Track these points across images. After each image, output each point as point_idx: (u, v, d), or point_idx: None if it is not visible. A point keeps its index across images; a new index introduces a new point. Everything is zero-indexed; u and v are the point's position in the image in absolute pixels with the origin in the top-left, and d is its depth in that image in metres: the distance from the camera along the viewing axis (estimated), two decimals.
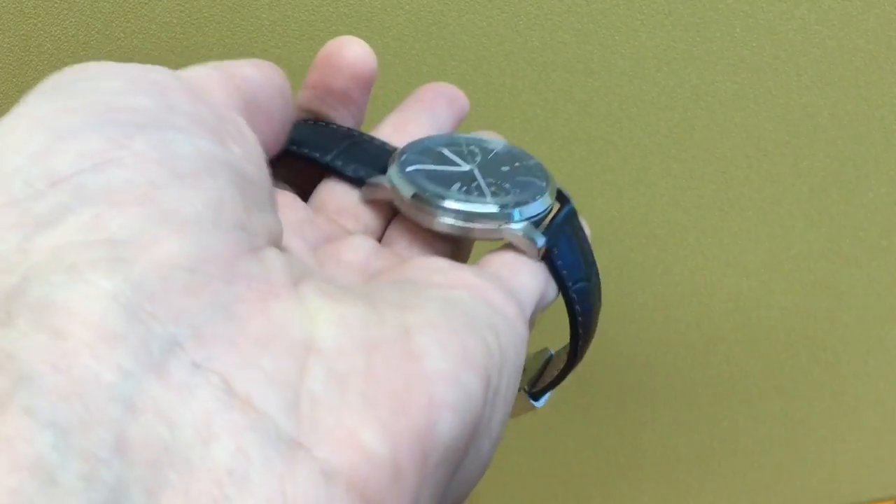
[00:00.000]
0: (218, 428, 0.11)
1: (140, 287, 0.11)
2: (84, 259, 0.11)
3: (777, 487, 0.52)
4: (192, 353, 0.11)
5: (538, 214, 0.19)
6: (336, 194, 0.20)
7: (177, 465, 0.10)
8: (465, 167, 0.20)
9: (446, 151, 0.20)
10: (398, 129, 0.22)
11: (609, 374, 0.45)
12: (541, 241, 0.19)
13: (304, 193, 0.21)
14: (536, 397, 0.23)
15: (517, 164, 0.21)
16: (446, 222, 0.19)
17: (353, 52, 0.20)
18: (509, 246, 0.19)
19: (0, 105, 0.32)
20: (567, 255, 0.19)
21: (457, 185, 0.19)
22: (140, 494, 0.10)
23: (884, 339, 0.48)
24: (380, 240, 0.20)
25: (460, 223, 0.19)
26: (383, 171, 0.20)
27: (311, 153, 0.20)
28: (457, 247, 0.20)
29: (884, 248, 0.44)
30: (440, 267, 0.17)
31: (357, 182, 0.20)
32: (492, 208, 0.19)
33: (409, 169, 0.19)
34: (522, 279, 0.18)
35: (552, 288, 0.19)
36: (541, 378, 0.23)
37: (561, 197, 0.21)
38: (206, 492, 0.10)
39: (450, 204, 0.19)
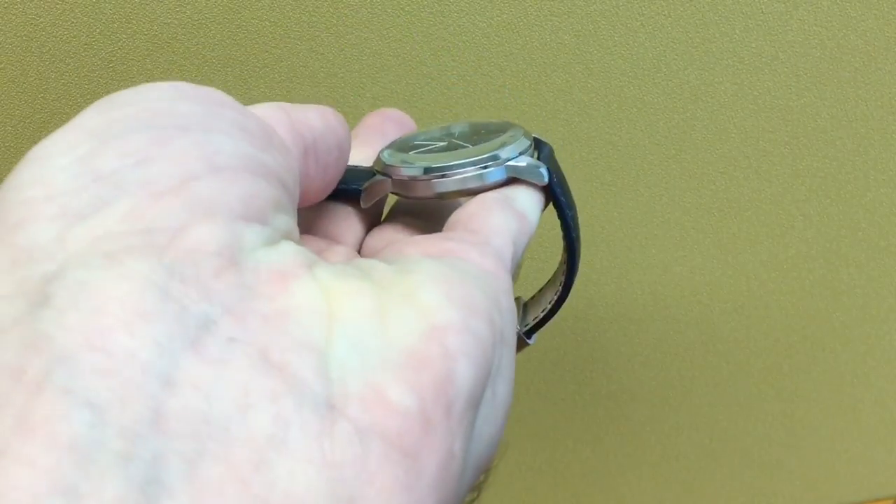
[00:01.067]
0: (255, 397, 0.11)
1: (174, 269, 0.12)
2: (120, 246, 0.12)
3: (777, 487, 0.52)
4: (227, 328, 0.12)
5: (526, 151, 0.21)
6: (324, 219, 0.22)
7: (216, 435, 0.11)
8: (445, 143, 0.21)
9: (420, 141, 0.22)
10: (352, 156, 0.22)
11: (609, 374, 0.45)
12: (544, 170, 0.20)
13: None
14: (528, 335, 0.25)
15: (483, 130, 0.22)
16: (452, 184, 0.20)
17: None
18: (475, 197, 0.20)
19: (1, 106, 0.32)
20: (562, 184, 0.21)
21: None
22: (179, 465, 0.10)
23: (883, 339, 0.48)
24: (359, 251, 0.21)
25: (463, 176, 0.20)
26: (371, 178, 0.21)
27: None
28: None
29: (882, 248, 0.44)
30: (413, 239, 0.17)
31: (356, 194, 0.21)
32: (483, 155, 0.20)
33: (399, 160, 0.20)
34: (493, 223, 0.18)
35: (527, 226, 0.20)
36: (524, 319, 0.25)
37: (537, 141, 0.22)
38: (247, 458, 0.11)
39: (454, 170, 0.20)
